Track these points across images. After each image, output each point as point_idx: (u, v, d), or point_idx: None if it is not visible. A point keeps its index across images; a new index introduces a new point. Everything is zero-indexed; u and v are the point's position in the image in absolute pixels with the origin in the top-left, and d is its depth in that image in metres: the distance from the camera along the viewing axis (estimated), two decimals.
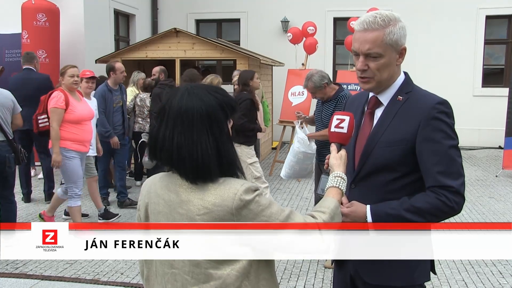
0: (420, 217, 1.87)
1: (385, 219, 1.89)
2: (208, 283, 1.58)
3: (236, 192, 1.55)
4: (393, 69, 1.97)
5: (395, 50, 1.93)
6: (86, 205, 6.83)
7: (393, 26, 1.91)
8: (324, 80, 4.96)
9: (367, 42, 1.91)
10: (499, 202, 7.20)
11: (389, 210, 1.89)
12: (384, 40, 1.90)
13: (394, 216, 1.88)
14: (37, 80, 7.09)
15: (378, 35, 1.90)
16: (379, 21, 1.90)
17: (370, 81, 1.98)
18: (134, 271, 4.66)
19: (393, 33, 1.90)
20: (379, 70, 1.94)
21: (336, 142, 1.97)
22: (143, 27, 13.05)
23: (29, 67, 7.21)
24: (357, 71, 1.99)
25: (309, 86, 5.03)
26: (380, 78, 1.96)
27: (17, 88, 6.72)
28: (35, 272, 4.66)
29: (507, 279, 4.54)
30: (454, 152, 1.88)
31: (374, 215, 1.91)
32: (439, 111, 1.88)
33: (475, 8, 12.00)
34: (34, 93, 6.64)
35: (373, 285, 2.02)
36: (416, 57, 11.10)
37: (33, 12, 9.29)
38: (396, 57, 1.95)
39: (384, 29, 1.90)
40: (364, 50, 1.92)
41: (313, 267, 4.79)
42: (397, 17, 1.94)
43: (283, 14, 12.66)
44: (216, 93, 1.66)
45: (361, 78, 2.00)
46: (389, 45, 1.91)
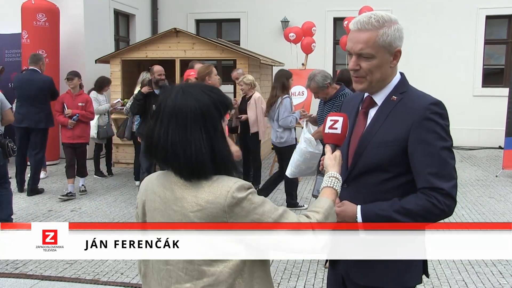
0: (410, 219, 1.85)
1: (374, 219, 1.88)
2: (201, 279, 1.60)
3: (229, 189, 1.56)
4: (386, 70, 1.96)
5: (388, 52, 1.92)
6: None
7: (387, 28, 1.89)
8: (327, 80, 4.97)
9: (360, 42, 1.90)
10: (499, 202, 7.19)
11: (379, 211, 1.88)
12: (377, 41, 1.89)
13: (384, 217, 1.86)
14: (39, 82, 7.34)
15: (371, 36, 1.89)
16: (373, 22, 1.89)
17: (362, 81, 1.97)
18: (134, 271, 4.66)
19: (386, 35, 1.89)
20: (370, 70, 1.93)
21: (331, 143, 1.96)
22: (143, 27, 13.05)
23: (34, 68, 7.41)
24: (350, 71, 1.99)
25: (311, 86, 5.04)
26: (372, 79, 1.95)
27: (20, 87, 7.30)
28: (35, 272, 4.66)
29: (507, 279, 4.54)
30: (446, 154, 1.86)
31: (364, 215, 1.90)
32: (432, 112, 1.86)
33: (475, 8, 12.00)
34: (36, 93, 7.23)
35: (363, 286, 2.01)
36: (416, 57, 11.12)
37: (33, 12, 9.30)
38: (389, 59, 1.94)
39: (378, 30, 1.88)
40: (356, 50, 1.92)
41: (313, 267, 4.79)
42: (393, 19, 1.92)
43: (283, 14, 12.65)
44: (211, 92, 1.68)
45: (354, 78, 2.00)
46: (381, 47, 1.90)
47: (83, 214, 6.54)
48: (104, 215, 6.53)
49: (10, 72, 9.10)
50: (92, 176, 8.76)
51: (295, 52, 10.16)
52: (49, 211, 6.65)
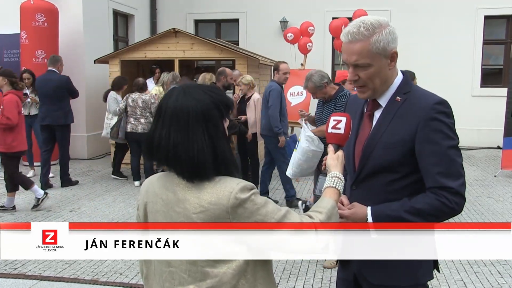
0: (421, 218, 1.87)
1: (385, 220, 1.89)
2: (205, 281, 1.60)
3: (232, 190, 1.56)
4: (385, 74, 1.96)
5: (384, 57, 1.92)
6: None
7: (378, 34, 1.88)
8: (324, 80, 4.96)
9: (354, 54, 1.90)
10: (497, 202, 7.20)
11: (389, 212, 1.89)
12: (370, 50, 1.88)
13: (395, 218, 1.88)
14: (56, 81, 7.88)
15: (363, 46, 1.88)
16: (363, 31, 1.88)
17: (365, 90, 1.98)
18: (133, 272, 4.66)
19: (379, 41, 1.88)
20: (370, 79, 1.93)
21: (334, 143, 1.97)
22: (142, 27, 13.04)
23: (52, 69, 7.97)
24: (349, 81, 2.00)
25: (309, 86, 5.03)
26: (373, 86, 1.95)
27: (40, 87, 7.96)
28: (34, 272, 4.66)
29: (506, 279, 4.55)
30: (453, 152, 1.88)
31: (374, 216, 1.91)
32: (438, 111, 1.87)
33: (474, 8, 12.01)
34: (53, 92, 7.80)
35: (376, 285, 2.02)
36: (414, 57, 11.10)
37: (32, 12, 9.30)
38: (387, 62, 1.94)
39: (369, 39, 1.88)
40: (351, 61, 1.92)
41: (312, 267, 4.79)
42: (383, 23, 1.91)
43: (282, 14, 12.65)
44: (212, 93, 1.68)
45: (356, 88, 2.01)
46: (376, 54, 1.89)
47: (82, 215, 6.54)
48: (103, 215, 6.52)
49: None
50: (90, 176, 8.80)
51: (294, 53, 10.16)
52: (48, 211, 6.65)
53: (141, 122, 7.88)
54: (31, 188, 6.58)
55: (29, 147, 8.56)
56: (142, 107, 7.87)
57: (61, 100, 7.86)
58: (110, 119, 8.32)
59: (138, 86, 8.03)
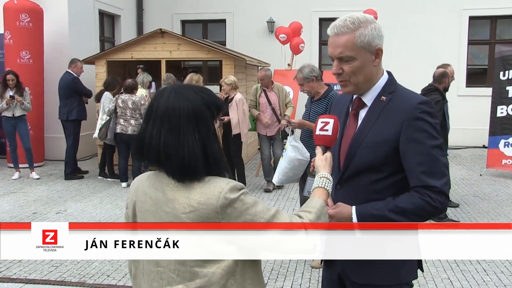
0: (405, 218, 1.88)
1: (370, 219, 1.90)
2: (194, 281, 1.60)
3: (221, 190, 1.56)
4: (370, 70, 1.97)
5: (368, 52, 1.93)
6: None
7: (363, 28, 1.90)
8: (313, 73, 5.00)
9: (339, 46, 1.92)
10: (483, 201, 7.27)
11: (374, 211, 1.90)
12: (355, 43, 1.90)
13: (379, 217, 1.88)
14: (62, 81, 8.79)
15: (348, 38, 1.90)
16: (349, 24, 1.90)
17: (347, 84, 1.99)
18: (120, 273, 4.63)
19: (364, 35, 1.90)
20: (353, 73, 1.94)
21: (322, 145, 1.98)
22: (128, 27, 12.98)
23: (68, 70, 8.84)
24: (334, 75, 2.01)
25: (298, 77, 5.10)
26: (356, 81, 1.96)
27: (58, 87, 8.85)
28: (19, 275, 4.60)
29: (491, 276, 4.59)
30: (437, 152, 1.89)
31: (359, 216, 1.92)
32: (421, 111, 1.89)
33: (459, 9, 12.14)
34: (60, 91, 8.76)
35: (360, 284, 2.03)
36: (400, 57, 11.20)
37: (16, 12, 9.19)
38: (371, 58, 1.95)
39: (354, 32, 1.90)
40: (336, 54, 1.94)
41: (300, 267, 4.80)
42: (369, 19, 1.94)
43: (269, 15, 12.66)
44: (203, 93, 1.68)
45: (339, 82, 2.02)
46: (361, 48, 1.91)
47: (69, 216, 6.47)
48: (90, 217, 6.47)
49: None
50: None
51: (283, 53, 10.17)
52: (34, 213, 6.58)
53: (131, 123, 7.83)
54: None
55: (13, 149, 8.51)
56: (132, 108, 7.82)
57: (67, 97, 8.69)
58: (105, 119, 8.25)
59: (128, 87, 7.97)
